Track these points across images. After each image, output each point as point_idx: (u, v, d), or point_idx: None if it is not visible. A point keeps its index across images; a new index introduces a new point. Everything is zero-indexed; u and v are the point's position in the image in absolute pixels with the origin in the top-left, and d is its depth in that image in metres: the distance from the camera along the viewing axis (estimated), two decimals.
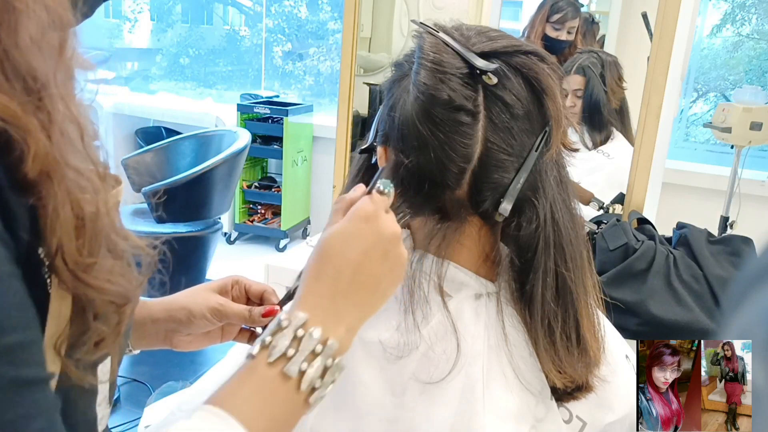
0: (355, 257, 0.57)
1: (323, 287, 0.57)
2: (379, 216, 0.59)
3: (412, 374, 0.69)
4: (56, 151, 0.41)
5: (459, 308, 0.71)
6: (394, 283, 0.61)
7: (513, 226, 0.70)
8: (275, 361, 0.53)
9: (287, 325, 0.54)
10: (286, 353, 0.53)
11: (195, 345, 0.76)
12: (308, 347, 0.53)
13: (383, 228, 0.59)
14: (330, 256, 0.58)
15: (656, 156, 1.66)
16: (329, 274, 0.57)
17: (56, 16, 0.42)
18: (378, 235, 0.58)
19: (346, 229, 0.58)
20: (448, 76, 0.66)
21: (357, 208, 0.59)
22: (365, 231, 0.58)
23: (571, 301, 0.70)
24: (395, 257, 0.60)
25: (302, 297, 0.57)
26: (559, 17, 1.97)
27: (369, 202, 0.59)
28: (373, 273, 0.58)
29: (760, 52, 3.72)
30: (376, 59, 2.30)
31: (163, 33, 5.97)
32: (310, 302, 0.56)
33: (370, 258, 0.58)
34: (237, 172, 3.14)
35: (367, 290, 0.58)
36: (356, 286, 0.57)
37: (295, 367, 0.53)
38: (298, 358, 0.53)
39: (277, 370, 0.52)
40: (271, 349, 0.53)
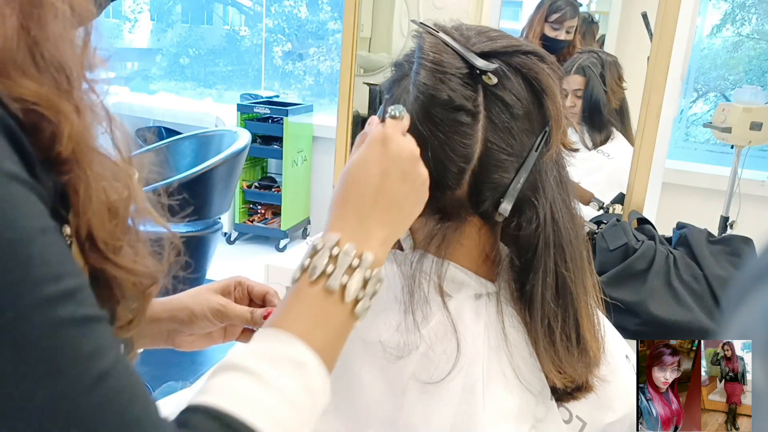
0: (375, 179, 0.59)
1: (349, 211, 0.59)
2: (394, 138, 0.61)
3: (412, 374, 0.69)
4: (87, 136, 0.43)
5: (459, 308, 0.71)
6: (419, 201, 0.63)
7: (513, 226, 0.70)
8: (317, 279, 0.55)
9: (322, 246, 0.57)
10: (325, 270, 0.55)
11: (197, 345, 0.77)
12: (345, 262, 0.56)
13: (399, 149, 0.61)
14: (351, 182, 0.60)
15: (656, 156, 1.66)
16: (352, 198, 0.59)
17: (81, 9, 0.44)
18: (394, 156, 0.60)
19: (363, 155, 0.61)
20: (448, 76, 0.66)
21: (372, 133, 0.62)
22: (381, 154, 0.60)
23: (571, 301, 0.70)
24: (415, 176, 0.62)
25: (330, 222, 0.59)
26: (557, 17, 1.97)
27: (383, 128, 0.61)
28: (395, 193, 0.60)
29: (760, 52, 3.72)
30: (376, 59, 2.30)
31: (163, 33, 5.97)
32: (339, 225, 0.59)
33: (390, 179, 0.60)
34: (237, 172, 3.13)
35: (391, 209, 0.60)
36: (380, 206, 0.59)
37: (336, 282, 0.55)
38: (338, 273, 0.55)
39: (319, 287, 0.55)
40: (311, 269, 0.56)
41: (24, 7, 0.41)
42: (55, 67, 0.42)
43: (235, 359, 0.50)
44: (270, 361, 0.50)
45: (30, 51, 0.41)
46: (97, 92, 0.46)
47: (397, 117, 0.63)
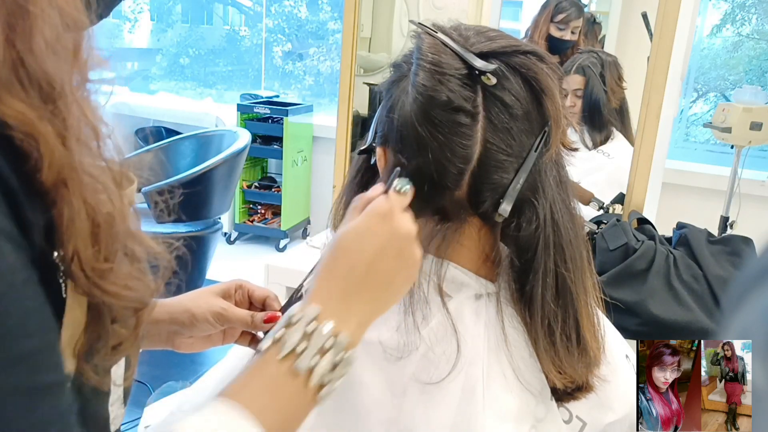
0: (369, 254, 0.58)
1: (336, 282, 0.57)
2: (394, 214, 0.60)
3: (412, 375, 0.69)
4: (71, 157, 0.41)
5: (459, 309, 0.71)
6: (408, 281, 0.62)
7: (513, 227, 0.70)
8: (285, 357, 0.53)
9: (298, 319, 0.55)
10: (295, 349, 0.53)
11: (196, 347, 0.77)
12: (318, 342, 0.54)
13: (398, 226, 0.60)
14: (344, 251, 0.59)
15: (656, 156, 1.66)
16: (342, 269, 0.58)
17: (70, 18, 0.42)
18: (393, 233, 0.59)
19: (362, 225, 0.59)
20: (446, 77, 0.65)
21: (373, 205, 0.60)
22: (380, 228, 0.59)
23: (570, 301, 0.70)
24: (409, 256, 0.61)
25: (314, 291, 0.58)
26: (563, 17, 1.97)
27: (385, 201, 0.60)
28: (387, 270, 0.59)
29: (760, 52, 3.72)
30: (376, 59, 2.30)
31: (163, 33, 5.97)
32: (322, 296, 0.57)
33: (384, 255, 0.59)
34: (237, 172, 3.13)
35: (379, 287, 0.59)
36: (369, 283, 0.58)
37: (305, 363, 0.53)
38: (308, 354, 0.53)
39: (286, 366, 0.53)
40: (282, 344, 0.54)
41: (8, 18, 0.38)
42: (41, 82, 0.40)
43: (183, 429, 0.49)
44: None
45: (14, 67, 0.39)
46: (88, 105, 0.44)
47: (401, 192, 0.62)
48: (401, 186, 0.62)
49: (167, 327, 0.74)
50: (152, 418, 1.42)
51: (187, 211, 2.94)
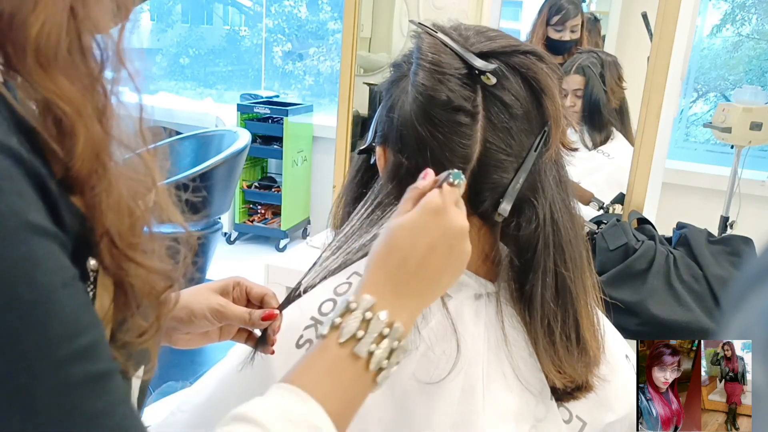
0: (421, 250, 0.58)
1: (388, 275, 0.58)
2: (448, 210, 0.60)
3: (412, 374, 0.69)
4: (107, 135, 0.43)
5: (459, 309, 0.71)
6: (455, 276, 0.62)
7: (512, 227, 0.70)
8: (346, 341, 0.55)
9: (356, 307, 0.56)
10: (356, 334, 0.55)
11: (193, 343, 0.77)
12: (376, 329, 0.55)
13: (451, 222, 0.60)
14: (397, 245, 0.59)
15: (656, 156, 1.66)
16: (394, 262, 0.58)
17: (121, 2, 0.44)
18: (445, 229, 0.59)
19: (415, 220, 0.59)
20: (446, 76, 0.66)
21: (427, 200, 0.60)
22: (433, 224, 0.59)
23: (570, 301, 0.70)
24: (459, 252, 0.61)
25: (367, 281, 0.58)
26: (558, 18, 1.97)
27: (439, 195, 0.60)
28: (437, 266, 0.59)
29: (760, 52, 3.72)
30: (376, 59, 2.30)
31: (163, 33, 5.97)
32: (377, 287, 0.58)
33: (436, 252, 0.59)
34: (237, 172, 3.13)
35: (428, 282, 0.59)
36: (419, 277, 0.59)
37: (365, 348, 0.55)
38: (367, 340, 0.55)
39: (347, 351, 0.55)
40: (342, 329, 0.55)
41: None
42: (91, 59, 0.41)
43: (253, 413, 0.50)
44: (288, 421, 0.50)
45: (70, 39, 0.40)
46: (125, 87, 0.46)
47: (455, 185, 0.61)
48: (454, 178, 0.61)
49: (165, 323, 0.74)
50: (152, 418, 1.42)
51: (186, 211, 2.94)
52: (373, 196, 0.72)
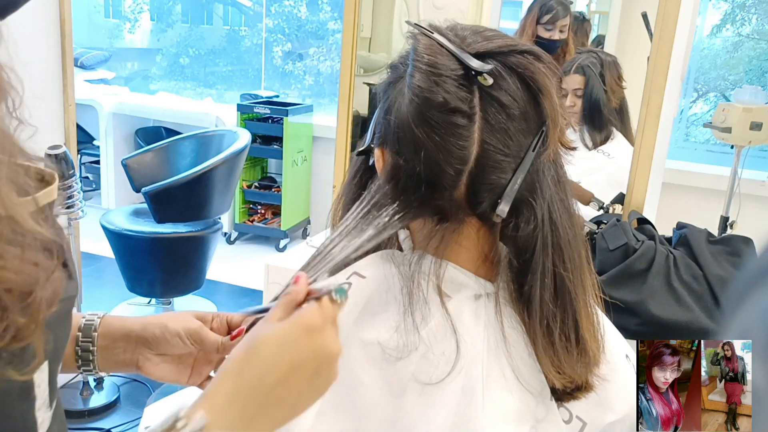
0: (284, 368, 0.54)
1: (238, 388, 0.54)
2: (323, 331, 0.56)
3: (412, 375, 0.69)
4: None
5: (458, 309, 0.71)
6: (314, 400, 0.58)
7: (511, 227, 0.70)
8: None
9: (183, 426, 0.51)
10: None
11: (161, 371, 0.75)
12: None
13: (324, 345, 0.56)
14: (258, 357, 0.54)
15: (656, 156, 1.66)
16: (251, 376, 0.54)
17: None
18: (316, 351, 0.55)
19: (285, 335, 0.55)
20: (442, 78, 0.65)
21: (303, 315, 0.56)
22: (304, 343, 0.55)
23: (569, 301, 0.70)
24: (326, 377, 0.57)
25: (213, 392, 0.54)
26: (549, 17, 1.98)
27: (317, 314, 0.56)
28: (296, 389, 0.55)
29: (760, 52, 3.72)
30: (376, 59, 2.30)
31: (163, 33, 5.97)
32: (218, 402, 0.53)
33: (300, 373, 0.55)
34: (237, 172, 3.13)
35: (283, 405, 0.55)
36: (274, 399, 0.54)
37: None
38: None
39: None
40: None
41: None
42: None
43: None
44: None
45: None
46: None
47: (337, 302, 0.56)
48: (339, 295, 0.57)
49: (137, 339, 0.73)
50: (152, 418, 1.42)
51: (187, 211, 2.94)
52: (370, 197, 0.72)
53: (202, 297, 3.36)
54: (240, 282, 3.72)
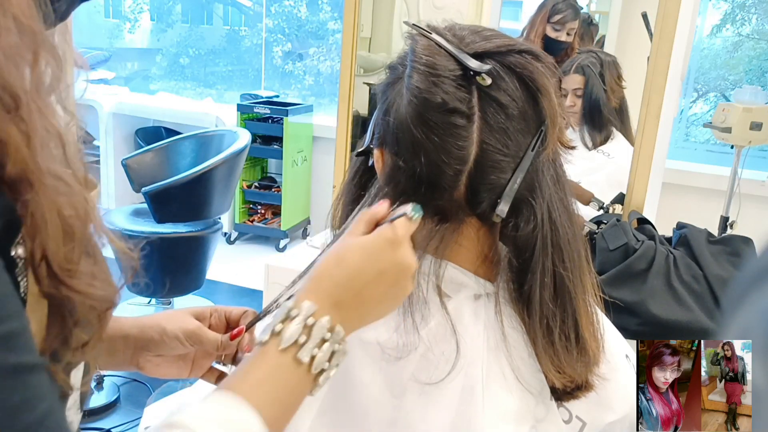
0: (370, 274, 0.60)
1: (331, 287, 0.59)
2: (403, 244, 0.61)
3: (412, 375, 0.69)
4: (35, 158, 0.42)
5: (458, 309, 0.71)
6: (392, 309, 0.64)
7: (510, 227, 0.70)
8: (287, 348, 0.55)
9: (297, 314, 0.56)
10: (297, 340, 0.55)
11: (162, 370, 0.76)
12: (318, 334, 0.56)
13: (404, 257, 0.61)
14: (346, 262, 0.60)
15: (656, 156, 1.66)
16: (341, 278, 0.59)
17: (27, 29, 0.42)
18: (397, 262, 0.61)
19: (371, 245, 0.60)
20: (441, 78, 0.65)
21: (385, 229, 0.61)
22: (387, 254, 0.60)
23: (569, 300, 0.70)
24: (403, 287, 0.62)
25: (309, 289, 0.59)
26: (559, 18, 1.98)
27: (398, 227, 0.61)
28: (379, 294, 0.60)
29: (760, 52, 3.72)
30: (376, 59, 2.30)
31: (163, 33, 5.97)
32: (318, 296, 0.58)
33: (382, 280, 0.60)
34: (237, 172, 3.13)
35: (366, 306, 0.61)
36: (359, 299, 0.60)
37: (307, 354, 0.55)
38: (310, 345, 0.56)
39: (289, 357, 0.55)
40: (282, 336, 0.55)
41: None
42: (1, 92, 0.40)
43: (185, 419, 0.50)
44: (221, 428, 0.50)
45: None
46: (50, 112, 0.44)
47: (413, 220, 0.62)
48: (414, 213, 0.62)
49: (135, 342, 0.73)
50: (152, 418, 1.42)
51: (187, 211, 2.94)
52: (370, 199, 0.72)
53: (202, 297, 3.37)
54: (240, 282, 3.72)
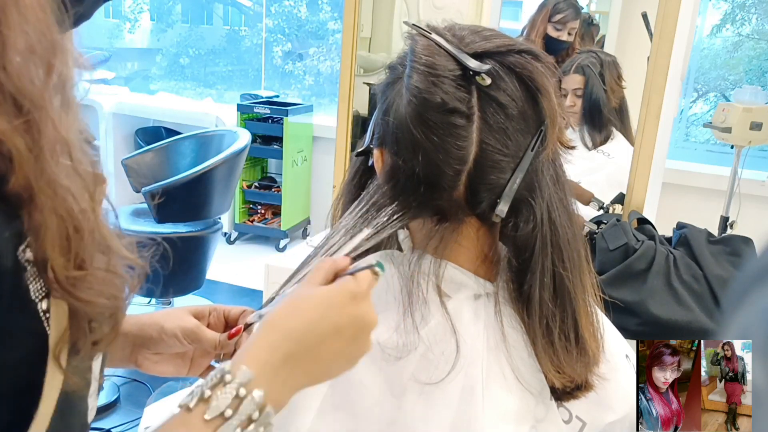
0: (327, 329, 0.56)
1: (281, 341, 0.55)
2: (366, 299, 0.58)
3: (412, 375, 0.69)
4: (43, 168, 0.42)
5: (458, 309, 0.71)
6: (348, 367, 0.60)
7: (510, 227, 0.70)
8: (211, 419, 0.51)
9: (230, 380, 0.52)
10: (224, 413, 0.51)
11: (160, 368, 0.75)
12: (247, 410, 0.51)
13: (366, 313, 0.57)
14: (303, 315, 0.56)
15: (656, 156, 1.66)
16: (294, 333, 0.55)
17: (42, 37, 0.42)
18: (358, 318, 0.57)
19: (331, 297, 0.57)
20: (440, 78, 0.65)
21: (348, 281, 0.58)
22: (348, 309, 0.56)
23: (569, 300, 0.70)
24: (361, 346, 0.58)
25: (256, 347, 0.55)
26: (560, 18, 1.98)
27: (364, 281, 0.58)
28: (334, 351, 0.56)
29: (760, 52, 3.72)
30: (376, 59, 2.30)
31: (163, 33, 5.97)
32: (262, 357, 0.54)
33: (340, 336, 0.56)
34: (237, 172, 3.13)
35: (319, 364, 0.56)
36: (312, 356, 0.55)
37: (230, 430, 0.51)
38: (234, 423, 0.51)
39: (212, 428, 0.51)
40: (211, 404, 0.51)
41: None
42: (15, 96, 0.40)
43: None
44: None
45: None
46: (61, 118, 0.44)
47: (378, 275, 0.59)
48: (379, 268, 0.58)
49: (134, 339, 0.73)
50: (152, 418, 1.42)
51: (187, 211, 2.94)
52: (368, 197, 0.72)
53: (202, 297, 3.37)
54: (240, 282, 3.72)
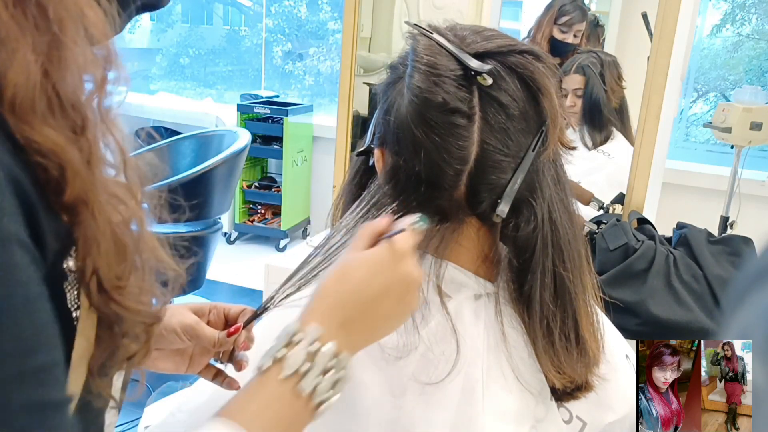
0: (376, 289, 0.57)
1: (337, 305, 0.57)
2: (408, 259, 0.59)
3: (412, 375, 0.69)
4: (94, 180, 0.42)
5: (458, 309, 0.71)
6: (398, 325, 0.62)
7: (511, 227, 0.70)
8: (288, 377, 0.53)
9: (301, 339, 0.54)
10: (299, 370, 0.53)
11: (159, 364, 0.75)
12: (321, 363, 0.53)
13: (410, 271, 0.59)
14: (352, 278, 0.58)
15: (656, 156, 1.66)
16: (346, 295, 0.57)
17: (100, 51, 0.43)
18: (403, 277, 0.58)
19: (377, 258, 0.58)
20: (442, 78, 0.65)
21: (392, 243, 0.59)
22: (393, 268, 0.58)
23: (569, 301, 0.70)
24: (409, 302, 0.60)
25: (315, 309, 0.56)
26: (566, 20, 1.98)
27: (405, 240, 0.59)
28: (385, 310, 0.58)
29: (760, 52, 3.72)
30: (376, 59, 2.30)
31: (163, 33, 5.97)
32: (324, 317, 0.56)
33: (389, 295, 0.58)
34: (237, 172, 3.13)
35: (375, 322, 0.58)
36: (367, 316, 0.57)
37: (309, 384, 0.53)
38: (311, 375, 0.53)
39: (289, 386, 0.53)
40: (284, 364, 0.53)
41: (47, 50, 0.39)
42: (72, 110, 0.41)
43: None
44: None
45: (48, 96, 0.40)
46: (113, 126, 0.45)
47: (417, 230, 0.60)
48: (419, 224, 0.60)
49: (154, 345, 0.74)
50: (152, 418, 1.42)
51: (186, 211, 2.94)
52: (369, 196, 0.72)
53: (202, 297, 3.37)
54: (240, 282, 3.72)
